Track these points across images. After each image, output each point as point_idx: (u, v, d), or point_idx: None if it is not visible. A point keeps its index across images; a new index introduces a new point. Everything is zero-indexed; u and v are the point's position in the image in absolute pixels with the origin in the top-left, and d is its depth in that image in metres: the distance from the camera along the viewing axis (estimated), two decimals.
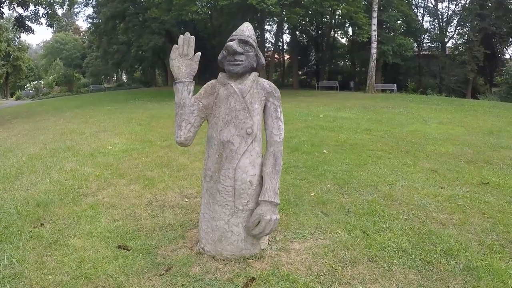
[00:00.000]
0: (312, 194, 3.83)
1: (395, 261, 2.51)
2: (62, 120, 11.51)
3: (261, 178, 2.37)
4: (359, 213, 3.34)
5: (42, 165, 5.30)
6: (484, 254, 2.58)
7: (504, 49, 31.02)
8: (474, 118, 9.78)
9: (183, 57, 2.29)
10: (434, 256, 2.56)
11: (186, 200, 3.76)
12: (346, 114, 10.45)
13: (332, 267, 2.44)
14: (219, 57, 2.38)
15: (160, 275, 2.37)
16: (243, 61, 2.26)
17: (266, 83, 2.39)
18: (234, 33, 2.37)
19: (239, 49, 2.25)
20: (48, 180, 4.58)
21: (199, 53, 2.34)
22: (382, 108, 12.04)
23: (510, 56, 32.94)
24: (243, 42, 2.29)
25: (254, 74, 2.37)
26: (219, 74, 2.42)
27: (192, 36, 2.31)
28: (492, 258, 2.50)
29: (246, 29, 2.36)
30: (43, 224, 3.26)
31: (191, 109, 2.29)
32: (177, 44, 2.30)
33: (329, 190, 3.93)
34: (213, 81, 2.43)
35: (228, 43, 2.26)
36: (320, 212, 3.37)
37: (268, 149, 2.39)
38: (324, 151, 5.80)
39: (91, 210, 3.53)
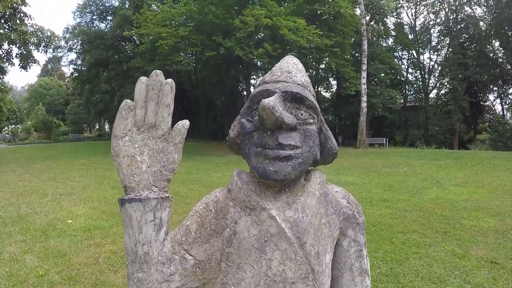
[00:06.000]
0: None
1: None
2: (29, 173, 10.53)
3: None
4: None
5: None
6: None
7: (487, 96, 31.62)
8: (486, 175, 9.44)
9: (147, 131, 0.83)
10: None
11: None
12: (349, 177, 9.34)
13: None
14: (232, 132, 0.96)
15: None
16: (298, 147, 0.83)
17: (341, 195, 0.96)
18: (269, 76, 0.94)
19: (291, 120, 0.82)
20: None
21: (185, 123, 0.86)
22: (384, 168, 11.08)
23: (492, 103, 33.58)
24: (296, 99, 0.86)
25: (319, 176, 0.94)
26: (234, 174, 0.94)
27: (169, 80, 0.83)
28: None
29: (295, 69, 0.95)
30: None
31: (166, 272, 0.82)
32: (132, 101, 0.84)
33: None
34: (218, 194, 0.93)
35: (264, 101, 0.77)
36: None
37: None
38: None
39: None
